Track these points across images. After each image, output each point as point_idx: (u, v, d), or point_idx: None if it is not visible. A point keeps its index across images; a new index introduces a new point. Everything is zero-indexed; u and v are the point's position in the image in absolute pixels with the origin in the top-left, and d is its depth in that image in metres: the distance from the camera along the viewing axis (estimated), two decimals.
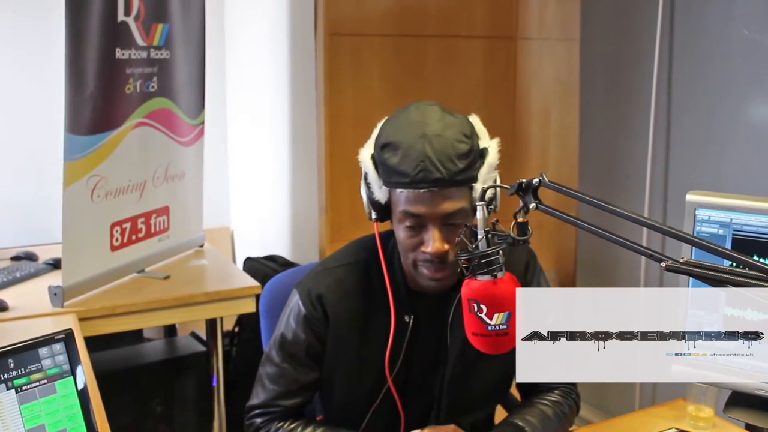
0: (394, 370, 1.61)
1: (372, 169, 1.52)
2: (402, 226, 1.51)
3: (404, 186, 1.46)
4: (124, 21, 2.56)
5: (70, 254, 2.42)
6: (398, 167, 1.45)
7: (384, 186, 1.51)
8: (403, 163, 1.45)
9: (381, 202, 1.53)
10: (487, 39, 3.42)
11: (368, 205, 1.56)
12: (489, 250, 1.22)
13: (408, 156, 1.45)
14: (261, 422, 1.68)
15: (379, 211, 1.55)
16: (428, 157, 1.43)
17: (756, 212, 1.35)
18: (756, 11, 2.76)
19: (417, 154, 1.44)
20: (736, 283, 0.99)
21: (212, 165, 3.37)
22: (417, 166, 1.43)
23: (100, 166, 2.51)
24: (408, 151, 1.45)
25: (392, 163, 1.47)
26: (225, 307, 2.67)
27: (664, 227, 1.09)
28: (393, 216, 1.54)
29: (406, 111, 1.53)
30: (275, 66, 3.48)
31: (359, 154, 1.56)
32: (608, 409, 3.31)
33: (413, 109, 1.52)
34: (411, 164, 1.44)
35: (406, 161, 1.45)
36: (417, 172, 1.43)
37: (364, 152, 1.55)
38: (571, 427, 1.75)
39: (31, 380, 1.23)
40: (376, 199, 1.53)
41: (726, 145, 2.89)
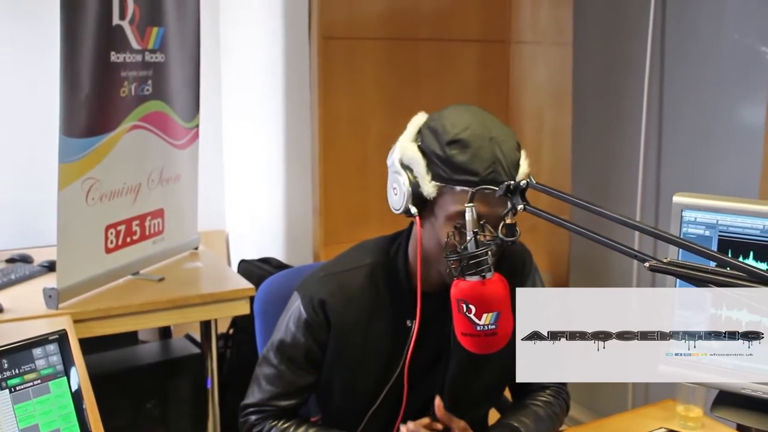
0: (396, 373, 1.62)
1: (421, 162, 1.48)
2: (451, 224, 1.46)
3: (471, 185, 1.41)
4: (119, 24, 2.57)
5: (64, 256, 2.43)
6: (468, 165, 1.44)
7: (435, 181, 1.47)
8: (473, 162, 1.43)
9: (426, 198, 1.49)
10: (480, 42, 3.44)
11: (408, 199, 1.49)
12: (478, 251, 1.23)
13: (479, 156, 1.44)
14: (255, 420, 1.68)
15: (417, 205, 1.50)
16: (499, 160, 1.44)
17: (741, 214, 1.37)
18: (746, 15, 2.78)
19: (489, 156, 1.44)
20: (718, 283, 1.00)
21: (207, 168, 3.38)
22: (488, 167, 1.43)
23: (94, 169, 2.52)
24: (479, 151, 1.44)
25: (460, 161, 1.44)
26: (219, 309, 2.67)
27: (646, 227, 1.11)
28: (437, 213, 1.50)
29: (461, 110, 1.51)
30: (270, 69, 3.49)
31: (399, 144, 1.52)
32: (600, 409, 3.32)
33: (467, 111, 1.51)
34: (483, 164, 1.43)
35: (478, 161, 1.43)
36: (488, 173, 1.43)
37: (407, 143, 1.51)
38: (561, 427, 1.77)
39: (24, 380, 1.24)
40: (422, 193, 1.48)
41: (717, 147, 2.91)
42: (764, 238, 1.35)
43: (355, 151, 3.18)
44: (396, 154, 1.52)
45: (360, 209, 3.18)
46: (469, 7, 3.38)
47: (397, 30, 3.25)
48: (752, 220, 1.36)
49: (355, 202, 3.20)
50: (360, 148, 3.18)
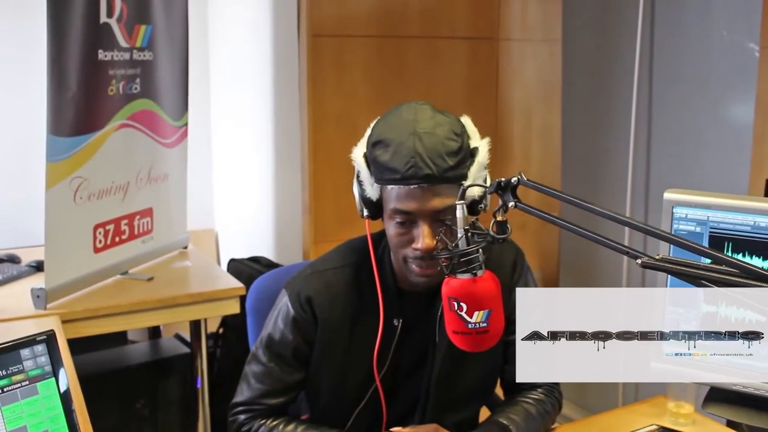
0: (382, 371, 1.62)
1: (364, 167, 1.54)
2: (393, 223, 1.53)
3: (395, 182, 1.48)
4: (107, 22, 2.55)
5: (52, 256, 2.41)
6: (389, 164, 1.48)
7: (375, 183, 1.53)
8: (393, 159, 1.47)
9: (373, 200, 1.55)
10: (469, 40, 3.44)
11: (360, 203, 1.58)
12: (468, 248, 1.23)
13: (398, 153, 1.47)
14: (244, 419, 1.68)
15: (371, 209, 1.57)
16: (418, 153, 1.45)
17: (732, 210, 1.37)
18: (734, 13, 2.79)
19: (407, 151, 1.46)
20: (710, 279, 1.00)
21: (196, 166, 3.37)
22: (407, 163, 1.45)
23: (82, 168, 2.50)
24: (398, 148, 1.47)
25: (383, 160, 1.49)
26: (209, 308, 2.66)
27: (637, 223, 1.11)
28: (384, 213, 1.56)
29: (398, 110, 1.55)
30: (258, 67, 3.48)
31: (352, 153, 1.58)
32: (591, 406, 3.33)
33: (404, 108, 1.54)
34: (401, 161, 1.46)
35: (397, 158, 1.47)
36: (407, 169, 1.45)
37: (357, 151, 1.58)
38: (553, 425, 1.76)
39: (12, 381, 1.22)
40: (368, 197, 1.55)
41: (706, 143, 2.92)
42: (755, 234, 1.35)
43: (345, 149, 3.12)
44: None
45: (350, 208, 3.11)
46: (458, 5, 3.38)
47: (386, 27, 3.24)
48: (743, 216, 1.37)
49: (345, 200, 3.14)
50: (349, 146, 3.12)
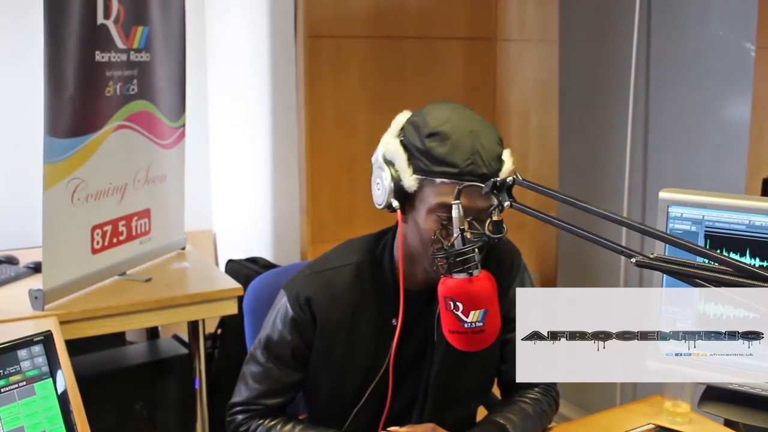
0: (381, 371, 1.62)
1: (403, 156, 1.50)
2: (433, 217, 1.48)
3: (449, 176, 1.44)
4: (104, 24, 2.55)
5: (50, 257, 2.41)
6: (446, 157, 1.45)
7: (416, 174, 1.48)
8: (452, 153, 1.44)
9: (407, 191, 1.50)
10: (466, 40, 3.44)
11: (389, 194, 1.50)
12: (464, 248, 1.23)
13: (459, 148, 1.44)
14: (242, 419, 1.68)
15: (402, 200, 1.51)
16: (479, 152, 1.44)
17: (727, 209, 1.37)
18: (731, 13, 2.80)
19: (468, 148, 1.44)
20: (704, 279, 1.01)
21: (194, 167, 3.37)
22: (468, 159, 1.44)
23: (80, 169, 2.50)
24: (459, 144, 1.45)
25: (439, 152, 1.45)
26: (207, 309, 2.66)
27: (632, 223, 1.11)
28: (418, 206, 1.51)
29: (442, 106, 1.52)
30: (256, 68, 3.48)
31: (383, 141, 1.53)
32: (588, 406, 3.33)
33: (448, 106, 1.52)
34: (462, 156, 1.44)
35: (457, 152, 1.44)
36: (467, 165, 1.43)
37: (390, 139, 1.53)
38: (550, 424, 1.77)
39: (9, 382, 1.23)
40: (401, 186, 1.50)
41: (703, 143, 2.93)
42: (750, 233, 1.36)
43: (342, 150, 3.18)
44: (379, 150, 1.54)
45: (347, 208, 3.18)
46: (456, 5, 3.38)
47: (383, 28, 3.25)
48: (738, 215, 1.37)
49: (343, 200, 3.19)
50: (347, 147, 3.17)
